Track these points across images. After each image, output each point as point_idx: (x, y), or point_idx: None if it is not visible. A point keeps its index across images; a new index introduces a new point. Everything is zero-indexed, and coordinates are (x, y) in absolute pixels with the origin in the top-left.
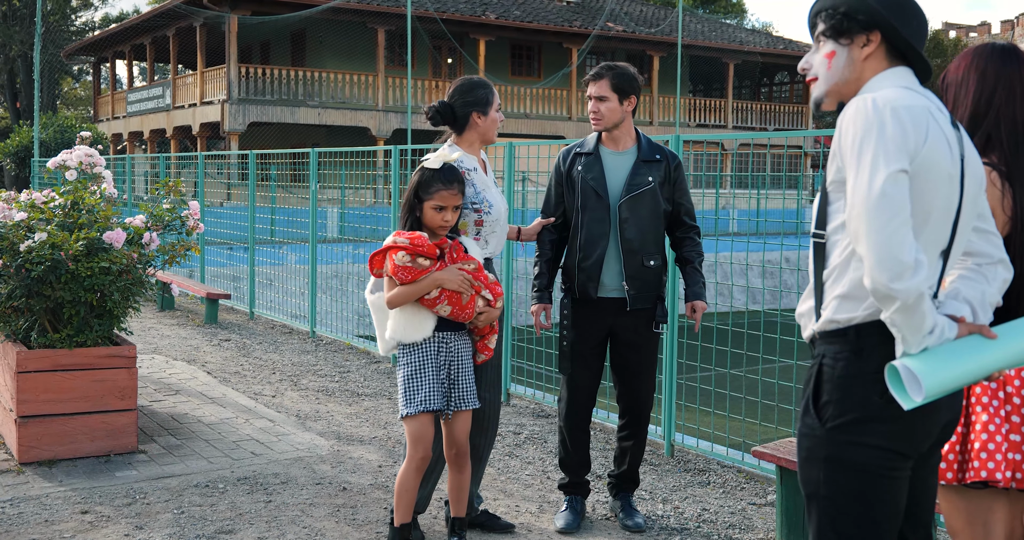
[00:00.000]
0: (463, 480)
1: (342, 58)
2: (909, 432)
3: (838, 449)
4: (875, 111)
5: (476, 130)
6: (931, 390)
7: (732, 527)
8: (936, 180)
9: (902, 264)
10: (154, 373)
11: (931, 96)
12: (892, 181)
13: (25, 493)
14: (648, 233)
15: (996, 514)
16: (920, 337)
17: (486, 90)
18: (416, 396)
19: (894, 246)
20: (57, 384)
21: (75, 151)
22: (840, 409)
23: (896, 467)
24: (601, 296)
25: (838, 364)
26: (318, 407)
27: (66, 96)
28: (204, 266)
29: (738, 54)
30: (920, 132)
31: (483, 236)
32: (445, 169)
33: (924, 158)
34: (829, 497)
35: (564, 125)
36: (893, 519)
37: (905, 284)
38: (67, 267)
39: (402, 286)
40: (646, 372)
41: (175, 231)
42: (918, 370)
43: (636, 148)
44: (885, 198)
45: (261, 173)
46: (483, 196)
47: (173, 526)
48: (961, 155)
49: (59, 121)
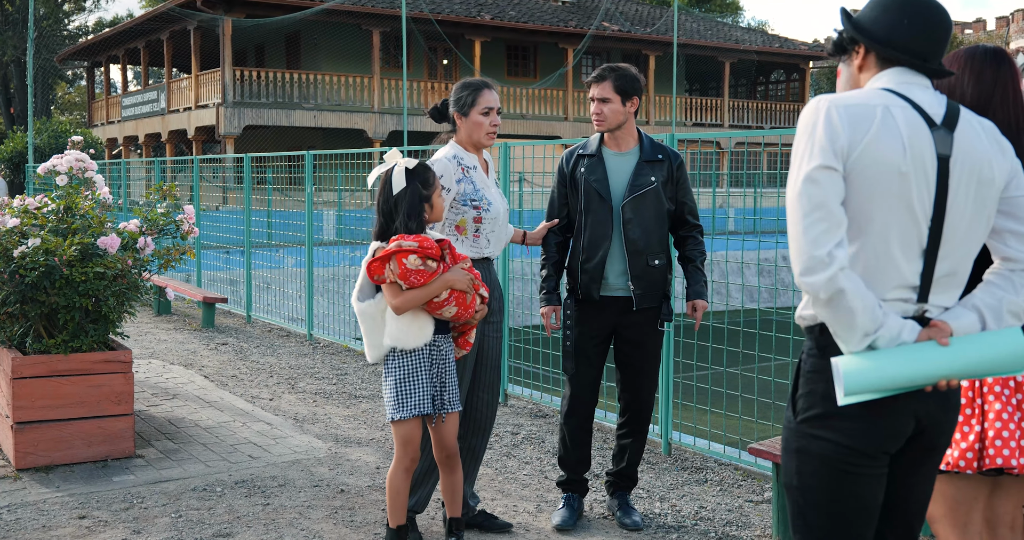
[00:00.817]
0: (456, 481)
1: (337, 60)
2: (870, 431)
3: (805, 441)
4: (812, 112)
5: (461, 130)
6: (851, 389)
7: (729, 524)
8: (879, 176)
9: (813, 258)
10: (151, 378)
11: (920, 96)
12: (810, 179)
13: (23, 499)
14: (652, 233)
15: (978, 502)
16: (856, 335)
17: (468, 92)
18: (409, 400)
19: (807, 240)
20: (53, 390)
21: (66, 156)
22: (807, 403)
23: (859, 464)
24: (605, 295)
25: (808, 359)
26: (315, 410)
27: (61, 101)
28: (201, 270)
29: (734, 53)
30: (859, 130)
31: (483, 234)
32: (419, 161)
33: (862, 154)
34: (799, 488)
35: (560, 125)
36: (863, 515)
37: (814, 277)
38: (61, 273)
39: (411, 290)
40: (649, 370)
41: (170, 235)
42: (844, 368)
43: (638, 148)
44: (802, 195)
45: (257, 176)
46: (482, 194)
47: (171, 530)
48: (943, 155)
49: (54, 126)
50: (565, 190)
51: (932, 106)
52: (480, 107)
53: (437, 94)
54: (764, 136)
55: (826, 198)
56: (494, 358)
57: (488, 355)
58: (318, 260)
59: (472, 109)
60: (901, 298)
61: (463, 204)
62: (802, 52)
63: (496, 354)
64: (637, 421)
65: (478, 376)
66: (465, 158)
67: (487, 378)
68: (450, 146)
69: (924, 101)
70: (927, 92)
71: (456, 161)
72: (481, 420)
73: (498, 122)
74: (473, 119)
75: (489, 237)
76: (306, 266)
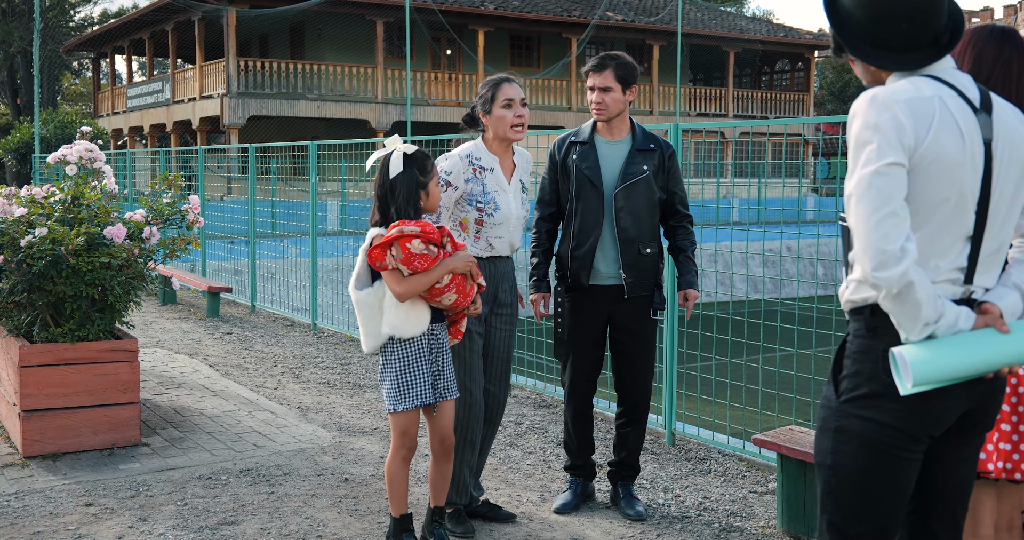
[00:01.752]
0: (447, 471)
1: (341, 51)
2: (917, 414)
3: (847, 421)
4: (873, 105)
5: (488, 129)
6: (920, 379)
7: (733, 515)
8: (943, 170)
9: (885, 253)
10: (156, 367)
11: (957, 79)
12: (879, 174)
13: (30, 486)
14: (644, 221)
15: (985, 504)
16: (917, 326)
17: (487, 88)
18: (410, 392)
19: (878, 236)
20: (60, 378)
21: (75, 146)
22: (853, 383)
23: (902, 446)
24: (595, 284)
25: (856, 340)
26: (320, 399)
27: (66, 92)
28: (205, 260)
29: (738, 42)
30: (922, 125)
31: (483, 236)
32: (419, 149)
33: (927, 150)
34: (833, 467)
35: (564, 115)
36: (896, 498)
37: (887, 273)
38: (68, 262)
39: (415, 276)
40: (644, 358)
41: (175, 225)
42: (911, 359)
43: (631, 137)
44: (872, 190)
45: (261, 167)
46: (491, 197)
47: (176, 518)
48: (987, 139)
49: (59, 117)
50: (556, 177)
51: (970, 90)
52: (500, 100)
53: (440, 85)
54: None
55: (893, 194)
56: (503, 350)
57: (497, 347)
58: (322, 250)
59: (493, 104)
60: (950, 280)
61: (468, 203)
62: (807, 41)
63: (506, 347)
64: (636, 410)
65: (487, 368)
66: (482, 159)
67: (496, 370)
68: (471, 143)
69: (963, 85)
70: (961, 75)
71: (468, 160)
72: (491, 413)
73: (523, 113)
74: (496, 114)
75: (492, 241)
76: (310, 256)
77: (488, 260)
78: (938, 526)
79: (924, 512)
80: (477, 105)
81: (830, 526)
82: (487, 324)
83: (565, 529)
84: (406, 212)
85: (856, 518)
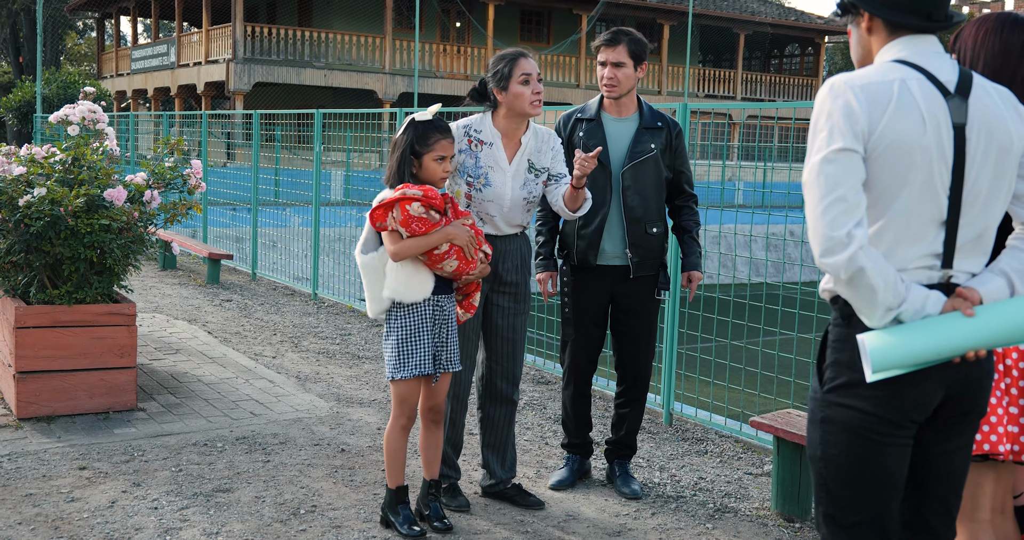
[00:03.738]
0: (438, 438)
1: (349, 19)
2: (893, 399)
3: (832, 411)
4: (830, 93)
5: (502, 105)
6: (879, 366)
7: (728, 496)
8: (902, 154)
9: (831, 239)
10: (154, 332)
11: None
12: (828, 161)
13: (23, 448)
14: (651, 201)
15: (984, 487)
16: (877, 311)
17: (503, 63)
18: (410, 360)
19: (825, 222)
20: (56, 340)
21: (78, 106)
22: (834, 372)
23: (885, 433)
24: (601, 263)
25: (834, 329)
26: (318, 369)
27: (70, 52)
28: (207, 226)
29: (749, 24)
30: (877, 110)
31: (473, 211)
32: (437, 119)
33: (883, 134)
34: (823, 458)
35: (572, 92)
36: (887, 486)
37: (834, 258)
38: (66, 223)
39: (412, 238)
40: (646, 338)
41: (177, 190)
42: (870, 345)
43: (638, 115)
44: (820, 176)
45: (266, 134)
46: (483, 172)
47: (171, 483)
48: (958, 124)
49: (62, 77)
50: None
51: (946, 74)
52: (518, 76)
53: (448, 57)
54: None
55: (841, 179)
56: (507, 329)
57: (499, 325)
58: (324, 220)
59: (510, 80)
60: (925, 266)
61: (460, 175)
62: (818, 26)
63: (510, 326)
64: (635, 389)
65: (489, 346)
66: (483, 132)
67: (501, 348)
68: (476, 116)
69: (938, 70)
70: (942, 59)
71: (466, 131)
72: (494, 390)
73: (540, 89)
74: (513, 90)
75: (482, 216)
76: (312, 225)
77: (497, 238)
78: (930, 514)
79: (915, 499)
80: (490, 81)
81: (827, 518)
82: (488, 301)
83: (560, 506)
84: (398, 176)
85: (850, 508)
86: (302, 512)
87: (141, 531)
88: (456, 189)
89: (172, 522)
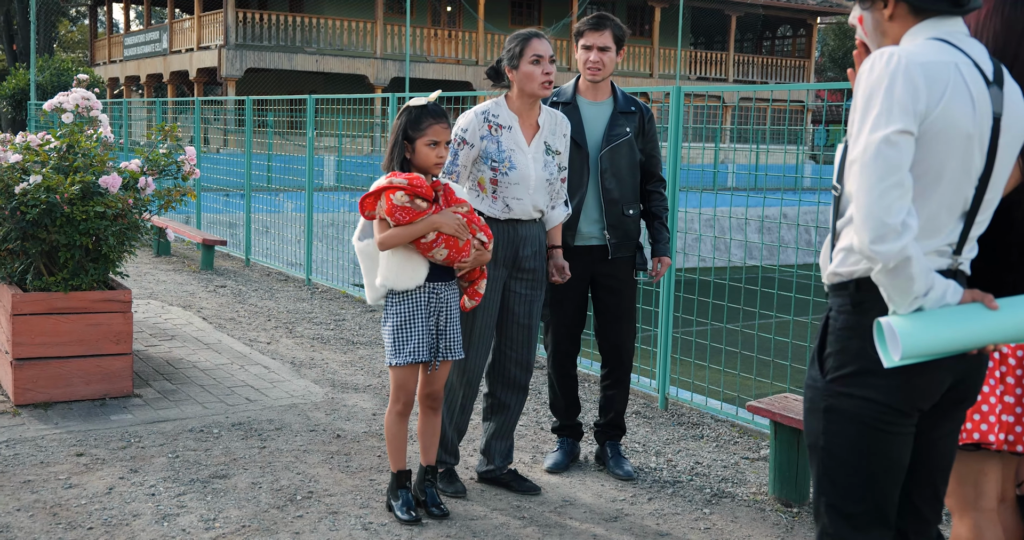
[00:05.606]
0: (436, 423)
1: (340, 4)
2: (905, 388)
3: (836, 400)
4: (888, 67)
5: (514, 85)
6: (908, 352)
7: (725, 481)
8: (951, 140)
9: (886, 226)
10: (150, 318)
11: (972, 48)
12: (888, 142)
13: (21, 435)
14: (627, 183)
15: (988, 476)
16: (908, 299)
17: (515, 43)
18: (405, 347)
19: (880, 207)
20: (52, 327)
21: (72, 93)
22: (839, 361)
23: (892, 422)
24: (579, 244)
25: (840, 316)
26: (313, 354)
27: (63, 39)
28: (200, 212)
29: (740, 6)
30: (936, 91)
31: (500, 197)
32: (431, 105)
33: (938, 118)
34: (826, 448)
35: (562, 75)
36: (891, 474)
37: (886, 247)
38: (62, 210)
39: (397, 227)
40: (627, 317)
41: (171, 176)
42: (900, 330)
43: (612, 99)
44: (879, 158)
45: (258, 120)
46: (507, 156)
47: (167, 470)
48: (995, 114)
49: (56, 64)
50: None
51: (983, 60)
52: (529, 56)
53: (440, 41)
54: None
55: (900, 163)
56: (524, 316)
57: (516, 312)
58: (318, 205)
59: (521, 60)
60: (937, 251)
61: (484, 162)
62: (809, 7)
63: (527, 313)
64: (620, 370)
65: (504, 333)
66: (500, 116)
67: (517, 336)
68: (492, 101)
69: (978, 56)
70: (976, 44)
71: (484, 117)
72: (508, 377)
73: (551, 70)
74: (524, 70)
75: (509, 202)
76: (306, 211)
77: (506, 223)
78: (919, 500)
79: (906, 485)
80: (503, 59)
81: (828, 508)
82: (506, 288)
83: (557, 491)
84: (391, 162)
85: (854, 498)
86: (299, 498)
87: (139, 517)
88: (480, 175)
89: (169, 508)
